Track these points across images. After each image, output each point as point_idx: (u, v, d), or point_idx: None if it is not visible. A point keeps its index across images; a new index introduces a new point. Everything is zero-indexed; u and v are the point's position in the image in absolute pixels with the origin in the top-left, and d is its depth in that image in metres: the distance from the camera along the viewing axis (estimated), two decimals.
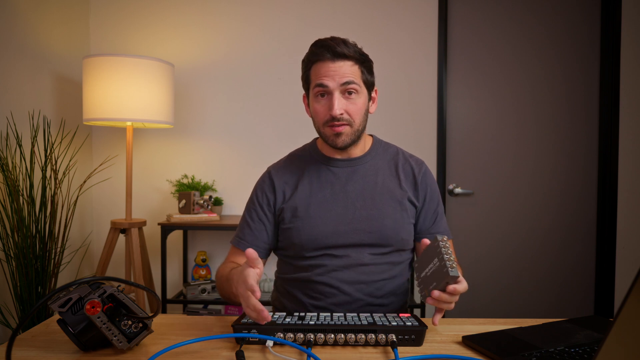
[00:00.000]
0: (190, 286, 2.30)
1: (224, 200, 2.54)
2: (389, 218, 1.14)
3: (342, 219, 1.13)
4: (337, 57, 1.08)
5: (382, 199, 1.15)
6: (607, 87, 2.49)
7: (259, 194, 1.22)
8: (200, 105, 2.55)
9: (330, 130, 1.11)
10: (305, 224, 1.14)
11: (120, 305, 0.79)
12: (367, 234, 1.13)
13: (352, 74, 1.09)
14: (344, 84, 1.08)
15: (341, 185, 1.16)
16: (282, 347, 0.85)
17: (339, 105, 1.08)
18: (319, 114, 1.12)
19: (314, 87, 1.10)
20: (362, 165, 1.19)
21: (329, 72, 1.08)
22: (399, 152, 1.24)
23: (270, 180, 1.21)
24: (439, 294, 0.85)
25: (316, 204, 1.15)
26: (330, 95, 1.09)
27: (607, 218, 2.51)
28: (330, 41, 1.09)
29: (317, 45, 1.10)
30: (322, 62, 1.09)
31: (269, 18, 2.52)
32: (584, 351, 0.78)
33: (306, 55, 1.13)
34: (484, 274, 2.57)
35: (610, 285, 2.50)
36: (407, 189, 1.18)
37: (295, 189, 1.18)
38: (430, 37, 2.50)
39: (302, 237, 1.13)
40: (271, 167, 1.25)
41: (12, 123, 1.96)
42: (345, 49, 1.08)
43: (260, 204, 1.20)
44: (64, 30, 2.34)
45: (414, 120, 2.51)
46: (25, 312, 1.87)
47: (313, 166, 1.20)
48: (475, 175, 2.56)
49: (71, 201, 2.15)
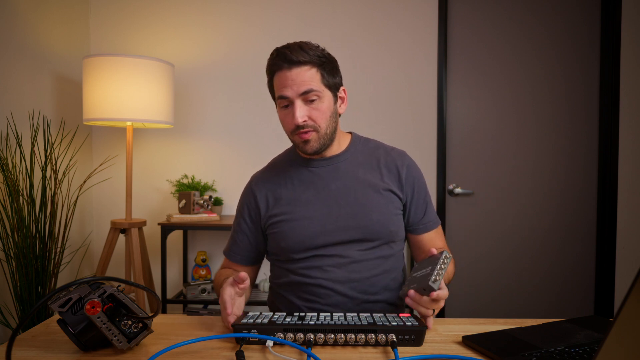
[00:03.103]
0: (190, 286, 2.30)
1: (224, 200, 2.54)
2: (375, 212, 1.13)
3: (327, 217, 1.13)
4: (292, 64, 1.07)
5: (365, 193, 1.14)
6: (607, 87, 2.49)
7: (242, 205, 1.25)
8: (200, 105, 2.55)
9: (297, 137, 1.11)
10: (291, 226, 1.14)
11: (120, 305, 0.79)
12: (354, 229, 1.12)
13: (310, 79, 1.07)
14: (303, 94, 1.07)
15: (323, 185, 1.16)
16: (282, 347, 0.85)
17: (300, 114, 1.07)
18: (285, 124, 1.13)
19: (277, 99, 1.11)
20: (341, 163, 1.18)
21: (287, 82, 1.07)
22: (380, 147, 1.23)
23: (252, 192, 1.22)
24: (414, 294, 0.91)
25: (300, 206, 1.15)
26: (292, 105, 1.08)
27: (607, 218, 2.51)
28: (286, 49, 1.08)
29: (273, 55, 1.10)
30: (279, 71, 1.09)
31: (269, 18, 2.52)
32: (584, 351, 0.78)
33: (268, 65, 1.12)
34: (484, 274, 2.57)
35: (610, 285, 2.50)
36: (390, 182, 1.17)
37: (278, 195, 1.18)
38: (430, 37, 2.50)
39: (289, 239, 1.13)
40: (253, 178, 1.26)
41: (12, 123, 1.96)
42: (300, 55, 1.07)
43: (243, 214, 1.23)
44: (64, 30, 2.34)
45: (414, 120, 2.51)
46: (25, 312, 1.87)
47: (294, 169, 1.20)
48: (475, 175, 2.56)
49: (71, 201, 2.15)
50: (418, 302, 0.91)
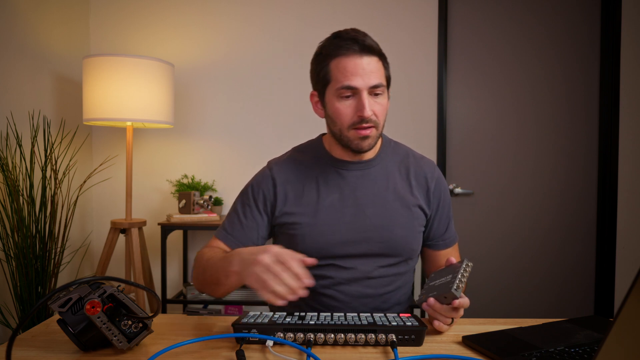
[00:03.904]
0: (190, 286, 2.30)
1: (224, 200, 2.54)
2: (400, 227, 1.06)
3: (351, 227, 1.04)
4: (365, 51, 0.97)
5: (393, 206, 1.06)
6: (607, 87, 2.49)
7: (255, 188, 1.10)
8: (200, 105, 2.55)
9: (355, 133, 1.00)
10: (311, 231, 1.04)
11: (120, 305, 0.79)
12: (377, 243, 1.05)
13: (377, 71, 0.99)
14: (372, 87, 0.98)
15: (350, 190, 1.07)
16: (282, 347, 0.84)
17: (370, 106, 0.98)
18: (342, 116, 1.00)
19: (340, 88, 0.98)
20: (372, 168, 1.09)
21: (357, 70, 0.96)
22: (409, 154, 1.15)
23: (271, 179, 1.09)
24: (434, 302, 0.87)
25: (324, 210, 1.05)
26: (358, 95, 0.98)
27: (607, 218, 2.51)
28: (354, 33, 0.98)
29: (341, 37, 0.99)
30: (346, 56, 0.97)
31: (269, 18, 2.52)
32: (584, 351, 0.78)
33: (324, 47, 1.01)
34: (484, 274, 2.57)
35: (610, 285, 2.50)
36: (419, 196, 1.10)
37: (299, 192, 1.07)
38: (430, 37, 2.50)
39: (307, 245, 1.04)
40: (273, 163, 1.13)
41: (12, 123, 1.96)
42: (372, 42, 0.98)
43: (256, 200, 1.09)
44: (64, 30, 2.34)
45: (414, 120, 2.51)
46: (25, 312, 1.87)
47: (320, 168, 1.09)
48: (475, 175, 2.56)
49: (71, 201, 2.15)
50: (437, 311, 0.87)
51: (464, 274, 0.87)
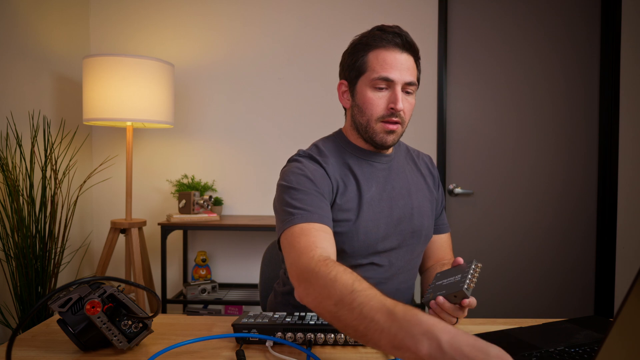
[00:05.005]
0: (190, 286, 2.30)
1: (224, 200, 2.53)
2: (426, 216, 1.09)
3: (389, 220, 1.04)
4: (406, 48, 0.99)
5: (417, 196, 1.09)
6: (607, 87, 2.49)
7: (313, 175, 0.97)
8: (200, 105, 2.55)
9: (383, 126, 1.00)
10: (357, 227, 1.01)
11: (120, 305, 0.79)
12: (409, 234, 1.06)
13: (413, 71, 1.01)
14: (407, 84, 0.99)
15: (383, 183, 1.06)
16: (282, 347, 0.85)
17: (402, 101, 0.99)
18: (374, 107, 0.99)
19: (376, 78, 0.98)
20: (393, 162, 1.11)
21: (395, 64, 0.97)
22: (409, 148, 1.20)
23: (321, 166, 1.01)
24: (443, 301, 0.86)
25: (366, 205, 1.02)
26: (392, 88, 0.99)
27: (607, 218, 2.51)
28: (398, 29, 1.00)
29: (385, 30, 0.99)
30: (387, 49, 0.98)
31: (269, 18, 2.52)
32: (584, 351, 0.78)
33: (365, 38, 1.01)
34: (484, 274, 2.57)
35: (610, 285, 2.50)
36: (430, 184, 1.16)
37: (345, 184, 1.02)
38: (430, 38, 2.50)
39: (355, 243, 1.00)
40: (311, 154, 1.04)
41: (12, 123, 1.96)
42: (413, 42, 1.00)
43: (317, 185, 0.96)
44: (64, 30, 2.34)
45: (414, 120, 2.51)
46: (25, 312, 1.87)
47: (353, 160, 1.06)
48: (475, 175, 2.56)
49: (71, 201, 2.15)
50: (445, 310, 0.86)
51: (474, 274, 0.87)
